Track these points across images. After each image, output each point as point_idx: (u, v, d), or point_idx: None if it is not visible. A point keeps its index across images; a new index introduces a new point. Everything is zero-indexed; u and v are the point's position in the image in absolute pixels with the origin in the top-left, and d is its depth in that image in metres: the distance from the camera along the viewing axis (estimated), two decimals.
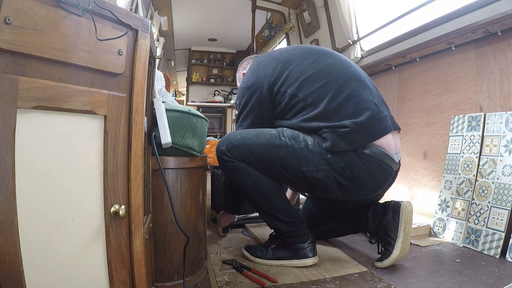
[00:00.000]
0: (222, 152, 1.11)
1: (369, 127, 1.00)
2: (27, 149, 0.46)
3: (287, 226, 1.12)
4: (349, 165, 1.01)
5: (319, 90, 1.05)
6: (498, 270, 1.08)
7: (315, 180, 1.05)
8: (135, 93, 0.60)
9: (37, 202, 0.48)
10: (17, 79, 0.44)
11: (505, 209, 1.24)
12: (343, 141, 0.99)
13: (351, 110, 1.01)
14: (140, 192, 0.60)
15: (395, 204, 1.13)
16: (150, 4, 3.20)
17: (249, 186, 1.11)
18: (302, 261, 1.12)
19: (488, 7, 1.45)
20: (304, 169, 1.05)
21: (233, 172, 1.11)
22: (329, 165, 1.03)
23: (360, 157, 1.01)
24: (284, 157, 1.05)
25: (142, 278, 0.61)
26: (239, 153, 1.09)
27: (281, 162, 1.06)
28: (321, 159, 1.03)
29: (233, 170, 1.11)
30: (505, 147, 1.31)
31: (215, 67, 5.94)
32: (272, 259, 1.14)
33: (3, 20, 0.42)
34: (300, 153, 1.04)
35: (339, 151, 1.01)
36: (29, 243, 0.46)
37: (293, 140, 1.06)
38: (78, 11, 0.50)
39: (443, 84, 1.70)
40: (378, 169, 1.03)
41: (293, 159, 1.05)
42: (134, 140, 0.60)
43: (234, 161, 1.10)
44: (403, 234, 1.09)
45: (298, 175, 1.07)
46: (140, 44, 0.61)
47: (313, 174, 1.04)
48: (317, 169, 1.04)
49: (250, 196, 1.13)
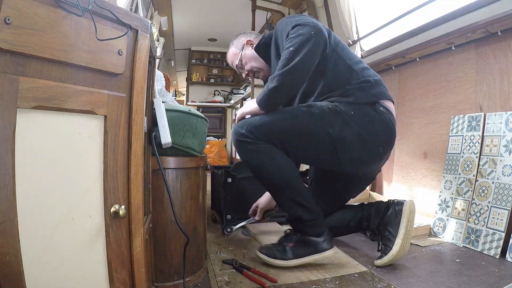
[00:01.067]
0: (243, 135, 1.07)
1: (382, 87, 1.17)
2: (27, 149, 0.46)
3: (309, 214, 1.11)
4: (370, 119, 1.09)
5: (353, 55, 1.19)
6: (498, 270, 1.08)
7: (340, 141, 1.07)
8: (135, 93, 0.60)
9: (37, 202, 0.48)
10: (17, 79, 0.44)
11: (505, 209, 1.24)
12: (365, 94, 1.11)
13: (371, 72, 1.18)
14: (140, 192, 0.60)
15: (398, 202, 1.16)
16: (150, 4, 3.20)
17: (274, 169, 1.08)
18: (324, 254, 1.10)
19: (488, 7, 1.45)
20: (331, 131, 1.07)
21: (257, 155, 1.07)
22: (353, 121, 1.08)
23: (377, 111, 1.11)
24: (309, 124, 1.07)
25: (142, 278, 0.61)
26: (262, 132, 1.06)
27: (306, 130, 1.07)
28: (345, 117, 1.08)
29: (256, 152, 1.07)
30: (505, 147, 1.31)
31: (215, 67, 5.94)
32: (292, 259, 1.10)
33: (3, 20, 0.42)
34: (324, 116, 1.07)
35: (360, 107, 1.10)
36: (29, 243, 0.46)
37: (313, 107, 1.09)
38: (78, 11, 0.50)
39: (443, 84, 1.70)
40: (390, 124, 1.13)
41: (318, 124, 1.07)
42: (134, 140, 0.60)
43: (258, 142, 1.06)
44: (404, 231, 1.09)
45: (324, 140, 1.08)
46: (140, 44, 0.61)
47: (340, 134, 1.07)
48: (342, 128, 1.07)
49: (273, 182, 1.11)
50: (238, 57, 1.38)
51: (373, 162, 1.17)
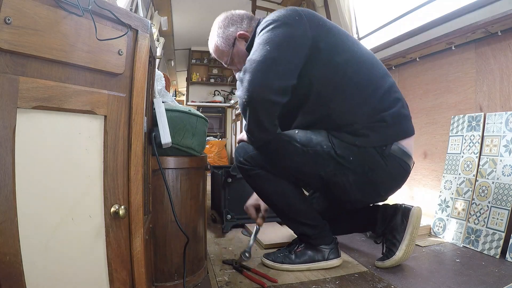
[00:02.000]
0: (242, 162, 1.11)
1: (402, 123, 1.00)
2: (27, 149, 0.46)
3: (313, 230, 1.12)
4: (373, 166, 0.98)
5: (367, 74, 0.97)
6: (498, 270, 1.08)
7: (334, 184, 1.03)
8: (135, 93, 0.60)
9: (37, 202, 0.48)
10: (17, 79, 0.44)
11: (505, 209, 1.24)
12: (378, 136, 0.96)
13: (392, 98, 0.98)
14: (140, 192, 0.60)
15: (406, 207, 1.13)
16: (150, 4, 3.20)
17: (273, 193, 1.10)
18: (330, 262, 1.12)
19: (488, 7, 1.45)
20: (322, 173, 1.02)
21: (256, 180, 1.10)
22: (350, 168, 0.98)
23: (384, 157, 0.97)
24: (301, 162, 1.02)
25: (142, 278, 0.61)
26: (257, 162, 1.08)
27: (298, 168, 1.04)
28: (341, 162, 0.98)
29: (255, 178, 1.10)
30: (505, 147, 1.31)
31: (215, 67, 5.94)
32: (300, 264, 1.11)
33: (3, 20, 0.42)
34: (317, 158, 1.00)
35: (364, 151, 0.96)
36: (29, 243, 0.46)
37: (308, 145, 1.00)
38: (78, 11, 0.50)
39: (443, 84, 1.70)
40: (398, 169, 1.01)
41: (310, 165, 1.02)
42: (134, 140, 0.60)
43: (255, 168, 1.08)
44: (409, 237, 1.09)
45: (317, 180, 1.05)
46: (140, 44, 0.61)
47: (332, 179, 1.02)
48: (335, 173, 1.00)
49: (275, 204, 1.12)
50: (229, 56, 1.13)
51: (374, 201, 1.16)
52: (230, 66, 1.18)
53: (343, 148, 0.97)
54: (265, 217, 1.29)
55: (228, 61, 1.14)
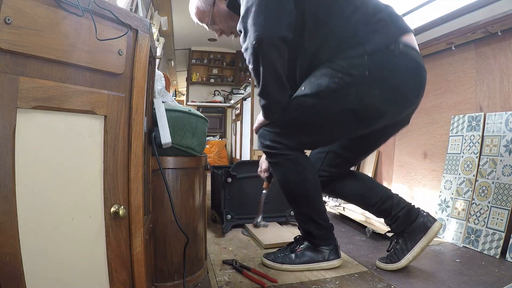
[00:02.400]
0: (269, 146, 1.06)
1: (399, 20, 0.99)
2: (27, 149, 0.46)
3: (320, 230, 1.11)
4: (390, 69, 0.94)
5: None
6: (498, 270, 1.08)
7: (365, 110, 0.97)
8: (135, 93, 0.60)
9: (37, 202, 0.48)
10: (17, 79, 0.44)
11: (505, 209, 1.24)
12: (381, 36, 0.94)
13: (380, 7, 0.98)
14: (140, 192, 0.60)
15: (428, 219, 1.12)
16: (150, 4, 3.20)
17: (296, 182, 1.07)
18: (330, 263, 1.12)
19: (488, 7, 1.45)
20: (350, 106, 0.96)
21: (282, 165, 1.06)
22: (370, 83, 0.93)
23: (395, 56, 0.94)
24: (324, 114, 0.99)
25: (142, 278, 0.61)
26: (285, 138, 1.04)
27: (325, 122, 1.01)
28: (359, 84, 0.94)
29: (282, 163, 1.06)
30: (505, 147, 1.31)
31: (215, 67, 5.94)
32: (299, 264, 1.11)
33: (3, 20, 0.42)
34: (335, 96, 0.96)
35: (374, 59, 0.93)
36: (29, 243, 0.46)
37: (320, 91, 0.96)
38: (78, 11, 0.50)
39: (443, 84, 1.70)
40: (413, 64, 0.99)
41: (334, 107, 0.97)
42: (134, 140, 0.60)
43: (286, 153, 1.04)
44: (419, 250, 1.08)
45: (348, 120, 0.99)
46: (140, 44, 0.61)
47: (361, 104, 0.96)
48: (361, 98, 0.95)
49: (294, 193, 1.10)
50: (209, 16, 1.13)
51: (407, 110, 1.06)
52: (212, 27, 1.19)
53: (355, 67, 0.93)
54: (269, 183, 1.30)
55: (210, 22, 1.16)
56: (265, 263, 1.14)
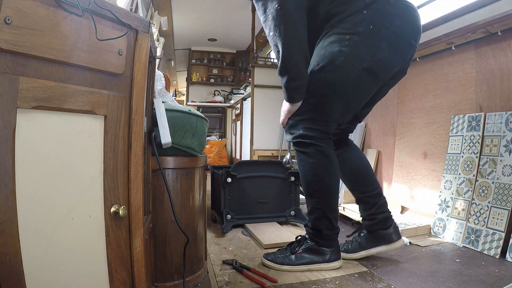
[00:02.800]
0: (304, 136, 1.04)
1: None
2: (27, 149, 0.46)
3: (330, 230, 1.11)
4: (389, 20, 0.96)
5: None
6: (498, 270, 1.08)
7: (377, 64, 0.98)
8: (135, 93, 0.60)
9: (37, 202, 0.48)
10: (17, 79, 0.44)
11: (505, 209, 1.24)
12: None
13: None
14: (140, 192, 0.60)
15: (396, 234, 1.20)
16: (150, 4, 3.20)
17: (320, 176, 1.06)
18: (331, 264, 1.11)
19: (488, 7, 1.45)
20: (365, 64, 0.97)
21: (313, 157, 1.04)
22: (376, 36, 0.95)
23: (391, 5, 0.97)
24: (345, 79, 0.98)
25: (142, 278, 0.61)
26: (317, 121, 1.03)
27: (348, 87, 1.00)
28: (368, 38, 0.95)
29: (313, 155, 1.04)
30: (505, 147, 1.31)
31: (215, 67, 5.94)
32: (300, 265, 1.10)
33: (3, 20, 0.42)
34: (350, 58, 0.96)
35: (373, 14, 0.95)
36: (29, 243, 0.46)
37: (334, 58, 0.97)
38: (78, 11, 0.50)
39: (443, 84, 1.70)
40: (408, 10, 1.01)
41: (351, 69, 0.97)
42: (134, 140, 0.60)
43: (319, 143, 1.03)
44: (373, 252, 1.20)
45: (366, 78, 0.99)
46: (140, 44, 0.61)
47: (374, 60, 0.97)
48: (373, 52, 0.96)
49: (315, 187, 1.08)
50: None
51: (408, 56, 1.07)
52: None
53: (359, 24, 0.95)
54: None
55: None
56: (265, 263, 1.14)
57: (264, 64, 3.39)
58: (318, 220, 1.10)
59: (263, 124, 3.28)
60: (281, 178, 1.71)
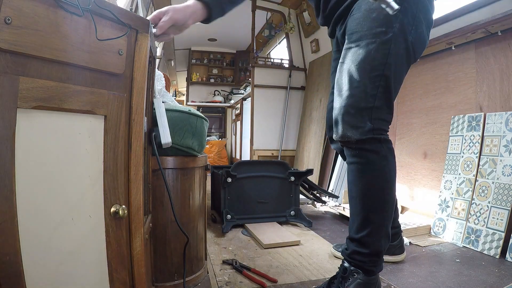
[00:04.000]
0: (375, 130, 0.81)
1: None
2: (27, 149, 0.46)
3: (388, 243, 0.87)
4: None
5: None
6: (498, 270, 1.08)
7: (418, 40, 0.84)
8: (135, 93, 0.60)
9: (37, 202, 0.48)
10: (17, 79, 0.44)
11: (505, 209, 1.24)
12: None
13: None
14: (140, 192, 0.60)
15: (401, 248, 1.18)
16: (150, 4, 3.20)
17: (389, 182, 0.84)
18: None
19: (488, 7, 1.45)
20: (410, 38, 0.83)
21: (385, 158, 0.83)
22: (417, 4, 0.83)
23: None
24: (398, 50, 0.82)
25: (142, 278, 0.61)
26: (387, 113, 0.83)
27: (400, 59, 0.83)
28: (410, 9, 0.81)
29: (385, 155, 0.83)
30: (505, 147, 1.31)
31: (215, 67, 5.94)
32: None
33: (3, 20, 0.42)
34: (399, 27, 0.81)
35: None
36: (29, 243, 0.46)
37: (390, 25, 0.80)
38: (78, 11, 0.50)
39: (443, 84, 1.70)
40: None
41: (401, 41, 0.82)
42: (134, 140, 0.60)
43: (389, 138, 0.84)
44: None
45: (408, 54, 0.85)
46: (140, 44, 0.61)
47: (417, 32, 0.83)
48: (416, 25, 0.82)
49: (383, 198, 0.84)
50: None
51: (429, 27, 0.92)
52: None
53: None
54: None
55: None
56: None
57: (264, 64, 3.39)
58: (379, 240, 0.84)
59: (263, 124, 3.28)
60: (281, 178, 1.71)
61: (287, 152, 3.31)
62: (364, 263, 0.84)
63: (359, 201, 0.86)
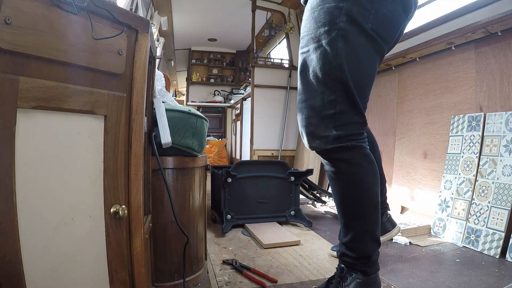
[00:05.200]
0: (342, 137, 0.77)
1: None
2: (27, 149, 0.46)
3: (377, 251, 0.85)
4: None
5: None
6: (498, 270, 1.08)
7: (382, 24, 0.76)
8: (135, 93, 0.60)
9: (37, 202, 0.48)
10: (17, 79, 0.44)
11: (505, 209, 1.24)
12: None
13: None
14: (140, 192, 0.60)
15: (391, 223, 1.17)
16: (150, 4, 3.20)
17: (368, 188, 0.81)
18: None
19: (488, 7, 1.45)
20: (370, 25, 0.75)
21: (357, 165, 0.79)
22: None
23: None
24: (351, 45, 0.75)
25: (142, 278, 0.61)
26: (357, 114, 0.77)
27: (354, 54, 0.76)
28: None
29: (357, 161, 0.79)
30: (505, 147, 1.31)
31: (215, 67, 5.94)
32: None
33: (3, 20, 0.42)
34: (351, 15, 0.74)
35: None
36: (29, 243, 0.46)
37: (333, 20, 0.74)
38: (73, 9, 0.50)
39: (443, 84, 1.70)
40: None
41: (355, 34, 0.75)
42: (134, 140, 0.60)
43: (362, 144, 0.79)
44: None
45: (372, 43, 0.78)
46: (140, 44, 0.61)
47: (377, 17, 0.75)
48: (376, 8, 0.75)
49: (364, 205, 0.81)
50: None
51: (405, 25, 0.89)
52: None
53: None
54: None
55: None
56: None
57: (264, 64, 3.39)
58: (365, 245, 0.82)
59: (263, 124, 3.28)
60: (281, 178, 1.71)
61: (287, 152, 3.31)
62: (354, 264, 0.84)
63: (338, 208, 0.85)
